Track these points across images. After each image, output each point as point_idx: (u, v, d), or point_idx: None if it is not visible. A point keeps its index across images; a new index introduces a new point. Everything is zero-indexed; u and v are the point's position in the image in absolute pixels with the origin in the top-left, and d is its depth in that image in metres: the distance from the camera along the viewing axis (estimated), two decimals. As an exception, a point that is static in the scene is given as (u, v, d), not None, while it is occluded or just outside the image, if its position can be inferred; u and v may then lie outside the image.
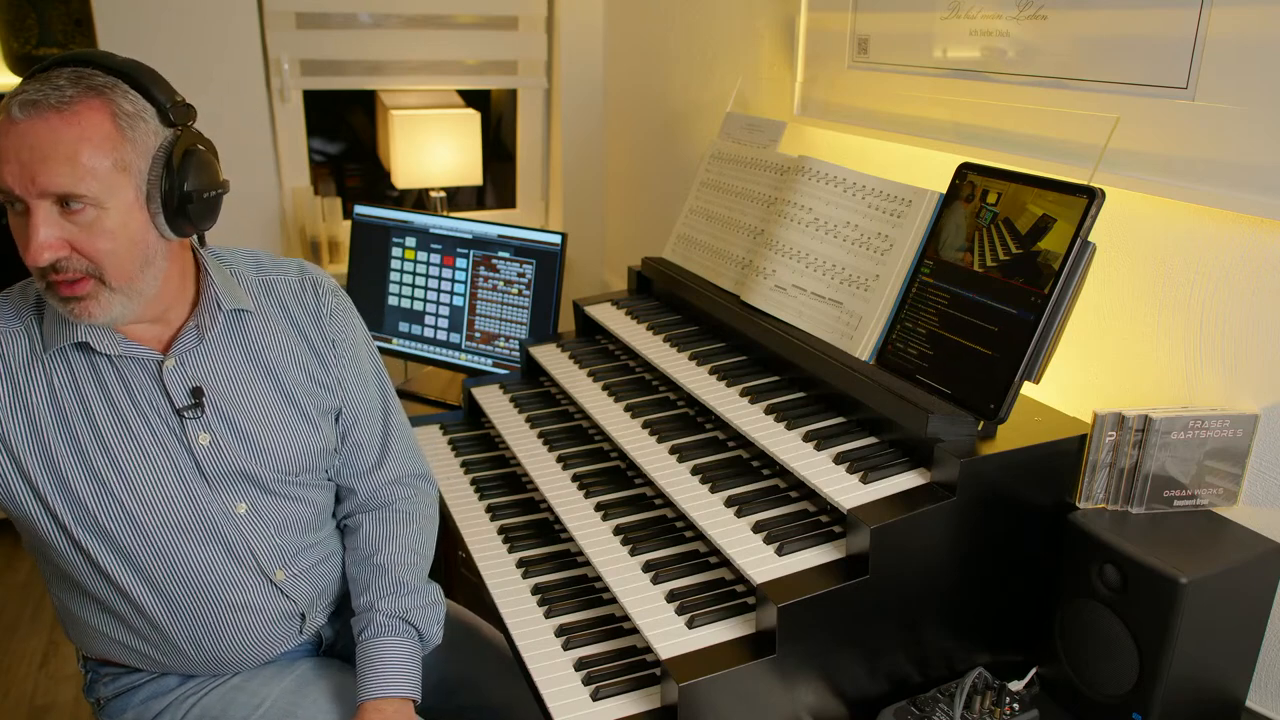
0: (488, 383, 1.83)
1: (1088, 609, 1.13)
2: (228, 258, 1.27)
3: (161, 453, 1.15)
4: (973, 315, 1.18)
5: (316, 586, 1.30)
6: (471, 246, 2.20)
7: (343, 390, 1.30)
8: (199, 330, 1.18)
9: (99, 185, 1.02)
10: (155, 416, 1.15)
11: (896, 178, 1.35)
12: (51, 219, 1.01)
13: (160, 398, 1.16)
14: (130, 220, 1.06)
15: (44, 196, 1.00)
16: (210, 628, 1.21)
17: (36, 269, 1.04)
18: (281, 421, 1.24)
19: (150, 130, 1.07)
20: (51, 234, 1.01)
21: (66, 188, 1.00)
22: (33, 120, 0.99)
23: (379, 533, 1.32)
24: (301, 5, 2.52)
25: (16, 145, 0.99)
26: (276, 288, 1.27)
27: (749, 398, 1.37)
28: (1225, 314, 1.14)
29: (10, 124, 0.99)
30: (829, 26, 1.75)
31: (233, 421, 1.19)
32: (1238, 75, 1.08)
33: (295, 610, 1.27)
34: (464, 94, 2.85)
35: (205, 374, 1.19)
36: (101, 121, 1.02)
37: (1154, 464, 1.12)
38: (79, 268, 1.04)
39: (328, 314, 1.29)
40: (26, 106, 0.99)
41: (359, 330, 1.35)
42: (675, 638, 1.09)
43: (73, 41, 2.91)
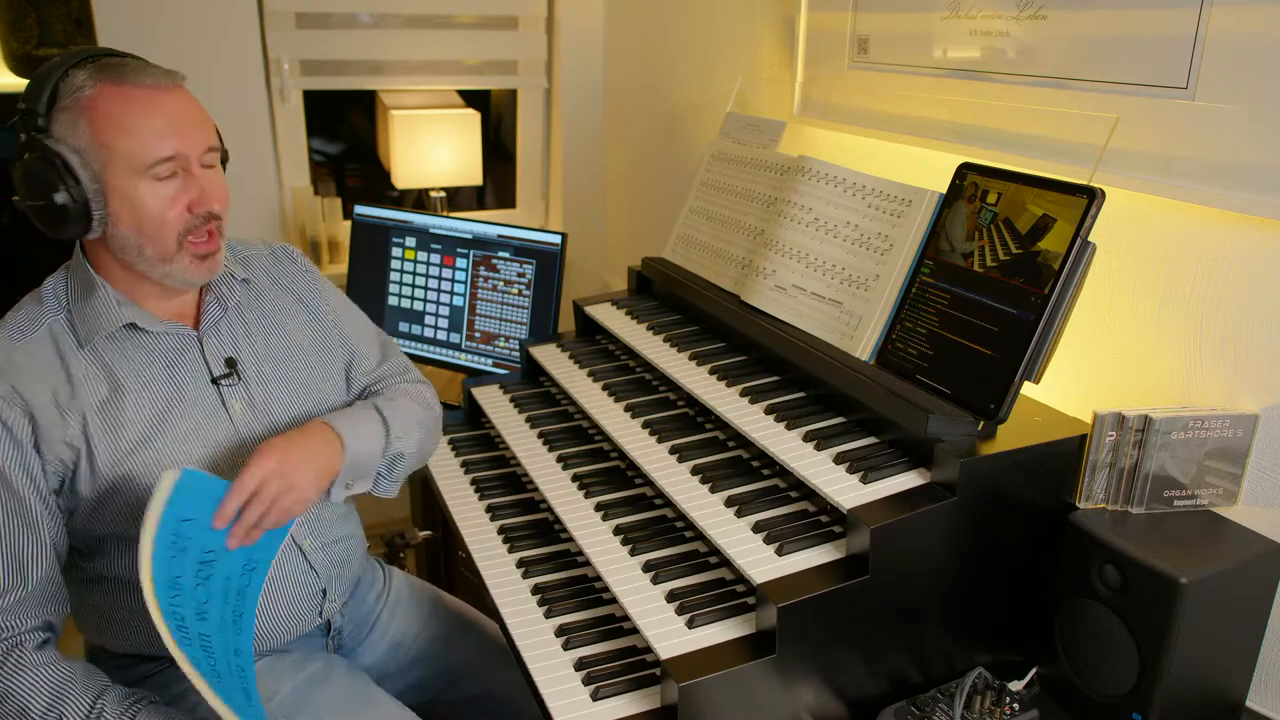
0: (488, 383, 1.83)
1: (1088, 609, 1.13)
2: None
3: (207, 421, 1.23)
4: (973, 315, 1.18)
5: (336, 563, 1.36)
6: (471, 246, 2.20)
7: (338, 322, 1.41)
8: (220, 302, 1.27)
9: (216, 141, 1.19)
10: (198, 388, 1.23)
11: (896, 178, 1.35)
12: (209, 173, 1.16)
13: (202, 369, 1.24)
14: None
15: (206, 153, 1.15)
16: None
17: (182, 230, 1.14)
18: (304, 383, 1.34)
19: None
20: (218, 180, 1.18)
21: (215, 141, 1.18)
22: (175, 92, 1.13)
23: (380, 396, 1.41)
24: (301, 5, 2.51)
25: (172, 115, 1.12)
26: (255, 262, 1.37)
27: (749, 398, 1.37)
28: (1225, 314, 1.14)
29: (156, 97, 1.11)
30: (829, 26, 1.74)
31: (263, 387, 1.29)
32: (1238, 75, 1.08)
33: (318, 584, 1.33)
34: (464, 94, 2.85)
35: (234, 344, 1.28)
36: (192, 99, 1.17)
37: (1154, 464, 1.12)
38: (217, 213, 1.18)
39: (303, 272, 1.41)
40: (165, 86, 1.12)
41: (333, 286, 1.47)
42: (675, 638, 1.09)
43: (73, 41, 2.91)
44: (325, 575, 1.34)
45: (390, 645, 1.49)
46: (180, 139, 1.12)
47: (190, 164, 1.14)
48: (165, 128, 1.11)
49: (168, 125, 1.11)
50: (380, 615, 1.49)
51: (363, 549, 1.47)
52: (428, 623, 1.53)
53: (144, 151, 1.09)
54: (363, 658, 1.46)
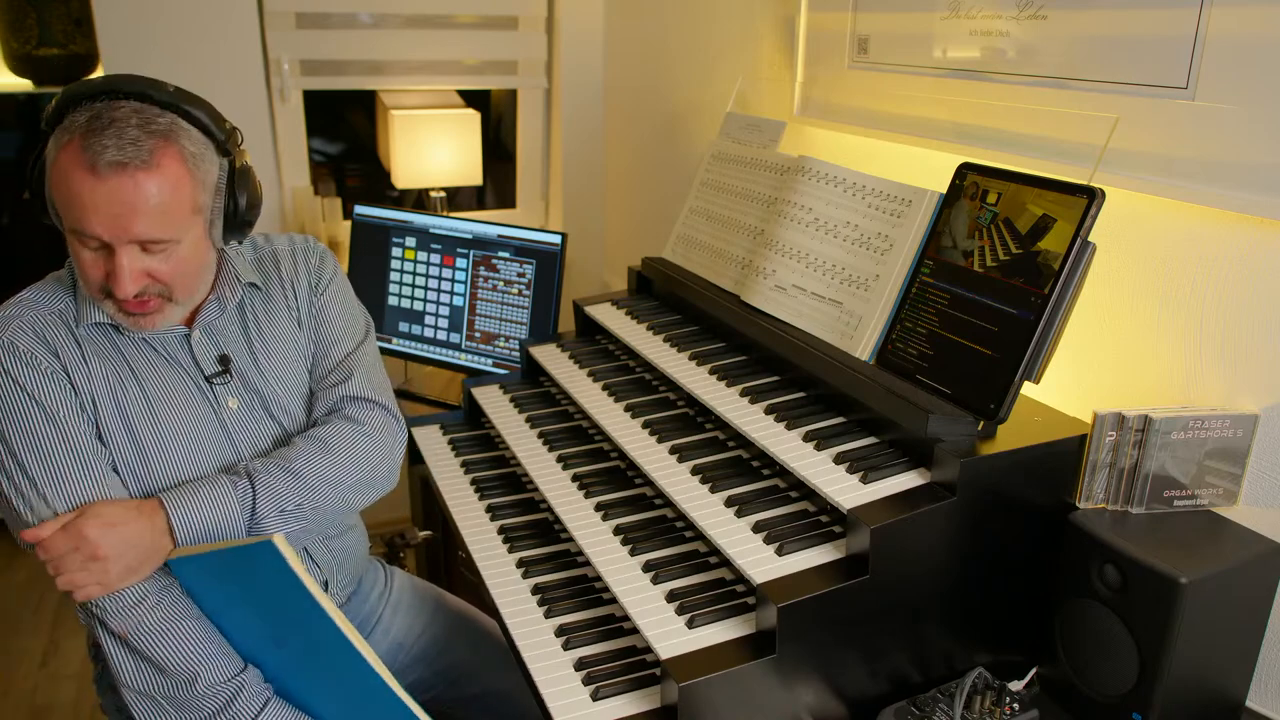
0: (488, 383, 1.83)
1: (1088, 609, 1.13)
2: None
3: (196, 418, 1.24)
4: (973, 315, 1.18)
5: (338, 556, 1.37)
6: (471, 246, 2.20)
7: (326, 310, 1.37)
8: (220, 303, 1.27)
9: (178, 228, 1.13)
10: (188, 386, 1.24)
11: (896, 178, 1.35)
12: (135, 256, 1.11)
13: (191, 367, 1.25)
14: (199, 247, 1.18)
15: (133, 243, 1.10)
16: None
17: (105, 289, 1.13)
18: (299, 387, 1.33)
19: (212, 165, 1.17)
20: (137, 267, 1.12)
21: (155, 234, 1.10)
22: (120, 179, 1.07)
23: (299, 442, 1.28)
24: (301, 5, 2.51)
25: (106, 199, 1.07)
26: (275, 260, 1.37)
27: (749, 398, 1.37)
28: (1225, 314, 1.14)
29: (97, 180, 1.07)
30: (829, 26, 1.75)
31: (256, 387, 1.29)
32: (1238, 75, 1.07)
33: (319, 576, 1.33)
34: (464, 94, 2.85)
35: (231, 342, 1.29)
36: (179, 171, 1.12)
37: (1154, 464, 1.12)
38: (153, 292, 1.15)
39: (315, 275, 1.38)
40: (114, 167, 1.06)
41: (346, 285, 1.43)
42: (675, 638, 1.09)
43: (72, 42, 2.91)
44: (327, 568, 1.35)
45: (392, 645, 1.49)
46: (96, 224, 1.08)
47: (115, 248, 1.10)
48: (86, 209, 1.07)
49: (89, 208, 1.07)
50: (382, 615, 1.50)
51: (365, 543, 1.47)
52: (430, 623, 1.53)
53: (70, 218, 1.10)
54: None
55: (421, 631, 1.52)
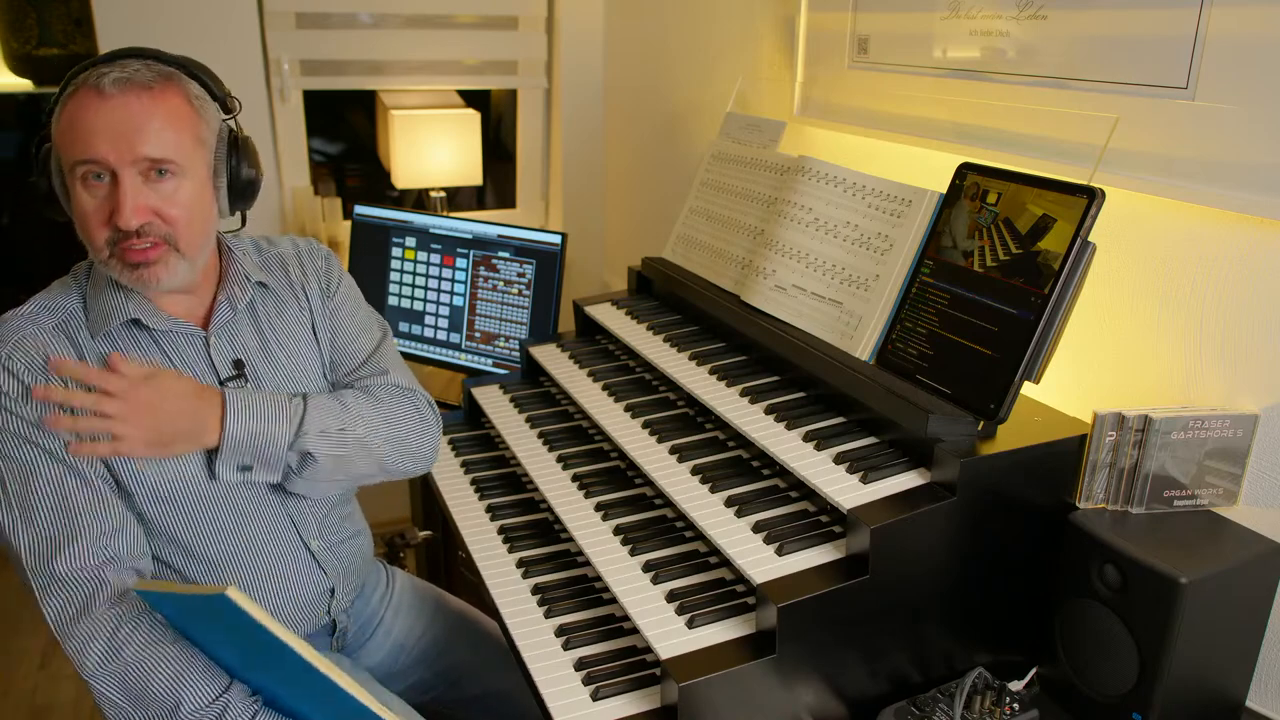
0: (488, 383, 1.83)
1: (1088, 609, 1.13)
2: (234, 242, 1.34)
3: None
4: (973, 315, 1.18)
5: (344, 561, 1.36)
6: (471, 246, 2.20)
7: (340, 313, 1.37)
8: (230, 303, 1.25)
9: (184, 155, 1.12)
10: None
11: (896, 178, 1.35)
12: (140, 186, 1.09)
13: (207, 370, 1.23)
14: (204, 192, 1.16)
15: (137, 164, 1.08)
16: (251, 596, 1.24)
17: (109, 237, 1.10)
18: (311, 388, 1.31)
19: (214, 114, 1.18)
20: (141, 199, 1.09)
21: (161, 153, 1.09)
22: (125, 96, 1.07)
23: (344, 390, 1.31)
24: (301, 5, 2.51)
25: (110, 119, 1.06)
26: (280, 263, 1.35)
27: (749, 398, 1.37)
28: (1225, 314, 1.14)
29: (102, 99, 1.07)
30: (829, 26, 1.75)
31: (272, 389, 1.26)
32: (1238, 75, 1.08)
33: (327, 583, 1.33)
34: (464, 94, 2.85)
35: (242, 346, 1.27)
36: (181, 101, 1.12)
37: (1154, 464, 1.12)
38: (159, 233, 1.11)
39: (324, 278, 1.38)
40: (119, 83, 1.07)
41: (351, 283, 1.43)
42: (675, 638, 1.09)
43: (73, 42, 2.91)
44: (333, 574, 1.34)
45: (394, 646, 1.49)
46: (102, 144, 1.06)
47: (120, 172, 1.07)
48: (92, 132, 1.06)
49: (95, 129, 1.06)
50: (384, 616, 1.50)
51: (370, 548, 1.47)
52: (430, 624, 1.53)
53: (70, 152, 1.08)
54: (366, 659, 1.47)
55: (422, 633, 1.52)
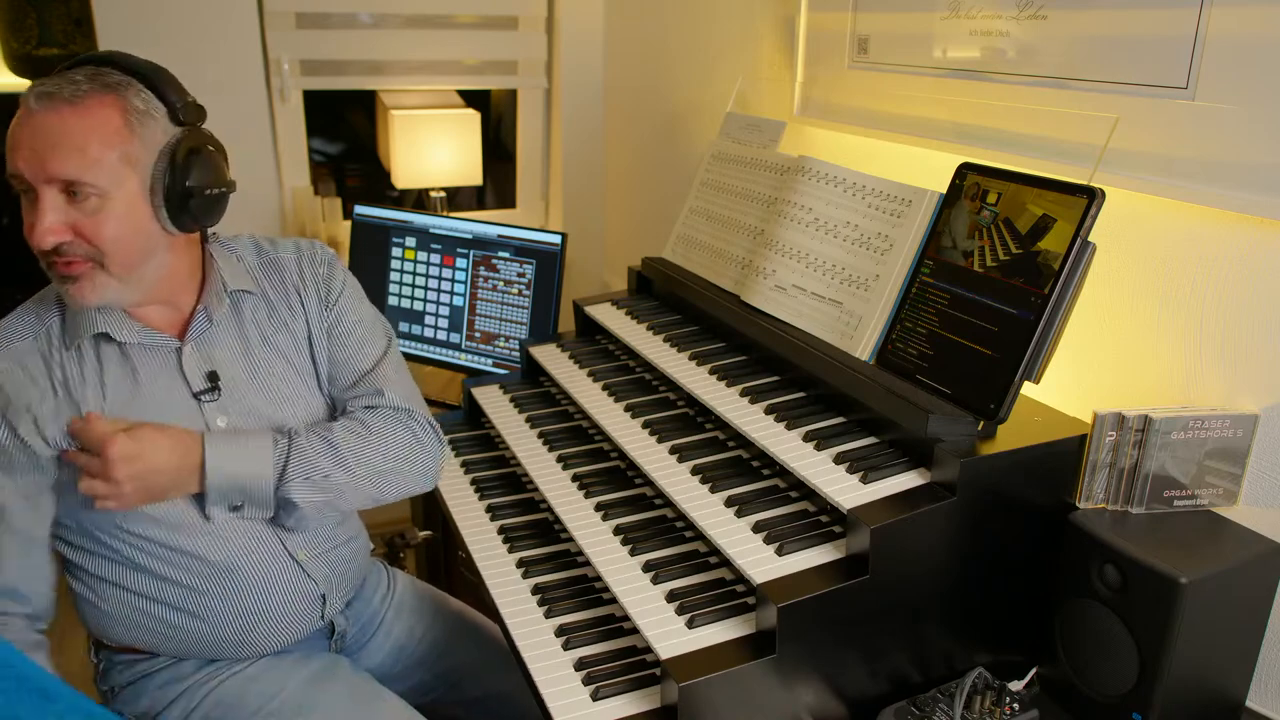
0: (488, 383, 1.83)
1: (1088, 609, 1.13)
2: (232, 244, 1.33)
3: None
4: (973, 315, 1.18)
5: (336, 570, 1.34)
6: (471, 246, 2.20)
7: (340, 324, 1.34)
8: (208, 313, 1.23)
9: (104, 175, 1.07)
10: (176, 401, 1.20)
11: (896, 178, 1.35)
12: (57, 205, 1.07)
13: (179, 383, 1.20)
14: (134, 211, 1.11)
15: (51, 182, 1.06)
16: (237, 609, 1.24)
17: (40, 252, 1.09)
18: (296, 398, 1.28)
19: (158, 127, 1.13)
20: (56, 219, 1.07)
21: (72, 174, 1.06)
22: (46, 111, 1.06)
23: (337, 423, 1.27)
24: (301, 5, 2.51)
25: (30, 133, 1.06)
26: (278, 268, 1.33)
27: (749, 398, 1.37)
28: (1225, 314, 1.14)
29: (27, 114, 1.07)
30: (829, 26, 1.74)
31: (248, 402, 1.24)
32: (1238, 75, 1.07)
33: (317, 591, 1.31)
34: (464, 94, 2.85)
35: (220, 357, 1.24)
36: (111, 116, 1.08)
37: (1154, 464, 1.12)
38: (80, 253, 1.09)
39: (324, 286, 1.34)
40: (42, 98, 1.06)
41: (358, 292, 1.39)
42: (675, 638, 1.09)
43: (73, 42, 2.91)
44: (324, 582, 1.32)
45: (394, 648, 1.49)
46: (21, 160, 1.05)
47: (38, 189, 1.06)
48: (15, 147, 1.06)
49: (18, 144, 1.06)
50: (385, 617, 1.49)
51: (365, 550, 1.45)
52: (431, 626, 1.53)
53: (8, 165, 1.07)
54: (365, 660, 1.46)
55: (423, 635, 1.51)
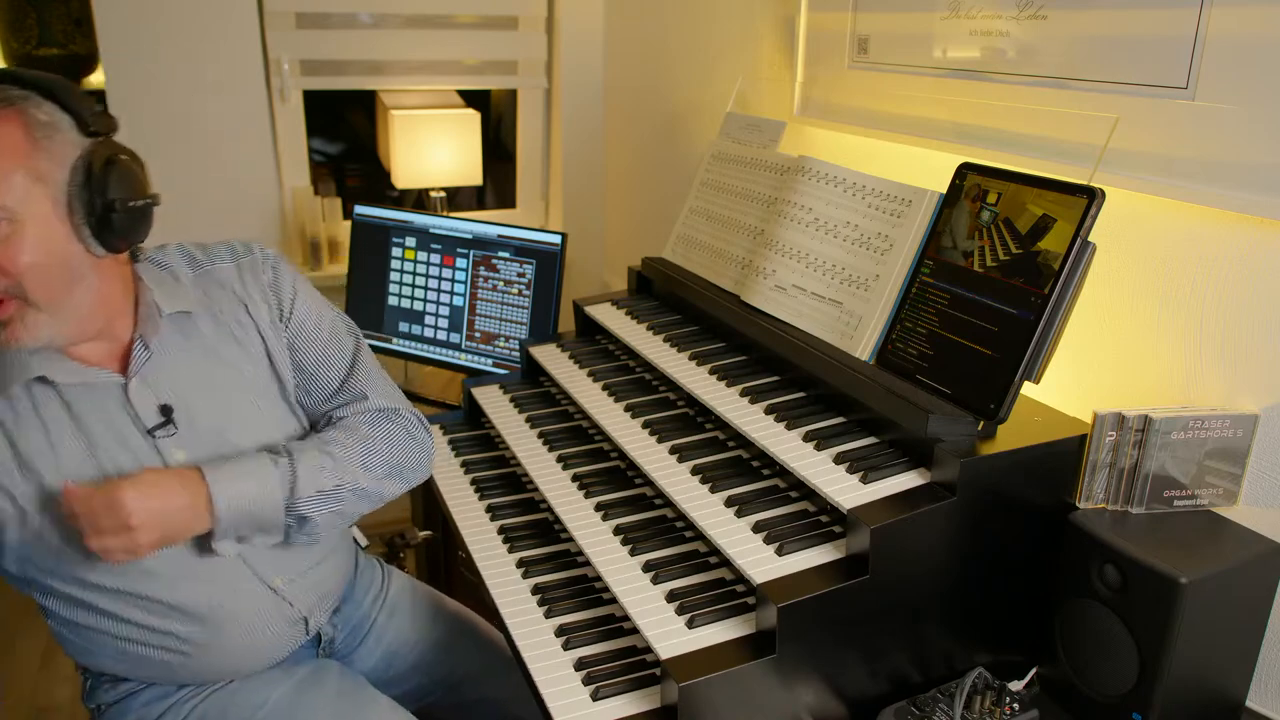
0: (488, 383, 1.83)
1: (1088, 609, 1.13)
2: (161, 258, 1.22)
3: None
4: (973, 315, 1.18)
5: (318, 589, 1.30)
6: (471, 246, 2.20)
7: (301, 335, 1.27)
8: (144, 341, 1.14)
9: (11, 196, 0.99)
10: (128, 441, 1.12)
11: (896, 178, 1.35)
12: None
13: (128, 422, 1.12)
14: (51, 233, 1.03)
15: None
16: (218, 645, 1.21)
17: None
18: (256, 418, 1.21)
19: (67, 140, 1.04)
20: None
21: None
22: None
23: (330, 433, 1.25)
24: (301, 5, 2.51)
25: None
26: (216, 278, 1.23)
27: (749, 398, 1.37)
28: (1225, 314, 1.14)
29: None
30: (829, 26, 1.74)
31: (206, 431, 1.16)
32: (1238, 75, 1.07)
33: (298, 615, 1.27)
34: (464, 94, 2.85)
35: (170, 386, 1.15)
36: (11, 131, 1.00)
37: (1154, 464, 1.12)
38: (1, 290, 1.01)
39: (274, 297, 1.26)
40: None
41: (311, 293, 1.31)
42: (675, 638, 1.09)
43: (72, 42, 2.91)
44: (304, 604, 1.28)
45: (386, 652, 1.46)
46: None
47: None
48: None
49: None
50: (376, 620, 1.47)
51: (347, 557, 1.40)
52: (427, 630, 1.50)
53: None
54: (359, 664, 1.44)
55: (418, 640, 1.48)
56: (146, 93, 2.38)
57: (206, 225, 2.52)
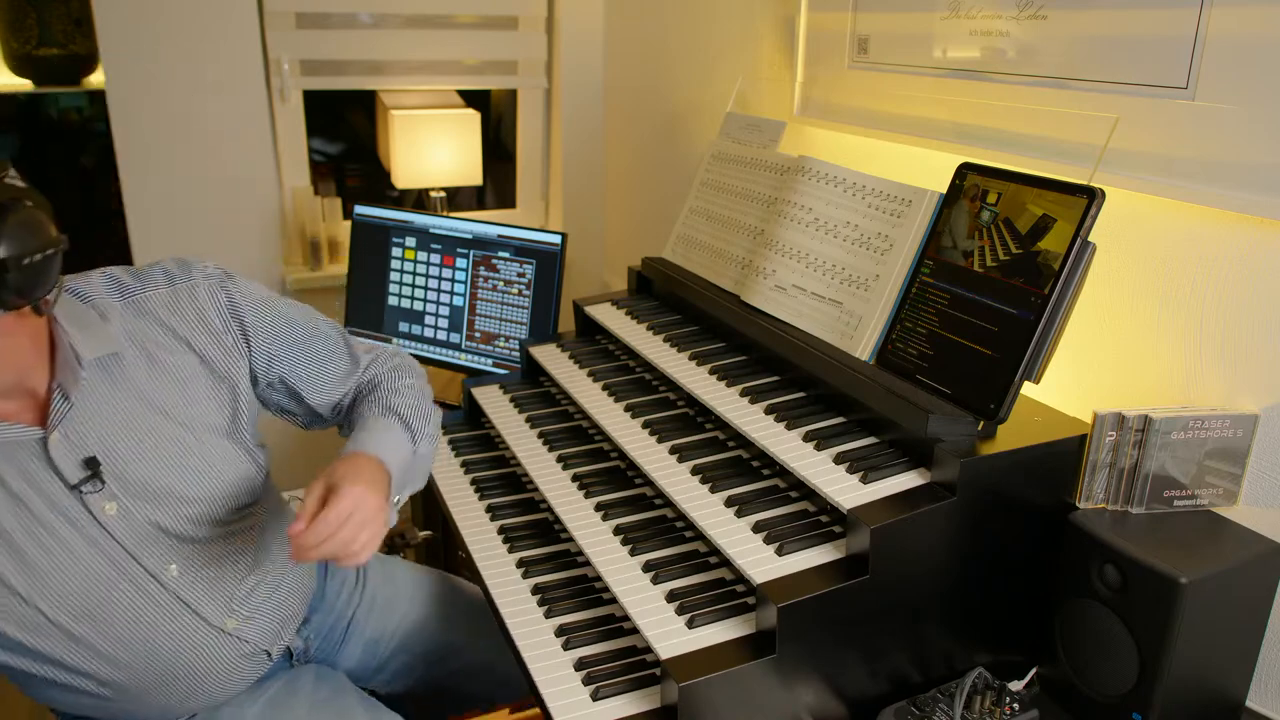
0: (488, 383, 1.83)
1: (1088, 609, 1.13)
2: (85, 289, 1.12)
3: (72, 536, 1.05)
4: (973, 315, 1.18)
5: (276, 617, 1.26)
6: (471, 246, 2.20)
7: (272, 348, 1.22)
8: (63, 392, 1.05)
9: None
10: (54, 499, 1.05)
11: (896, 178, 1.35)
12: None
13: (50, 479, 1.04)
14: None
15: None
16: (171, 689, 1.17)
17: None
18: (197, 461, 1.13)
19: None
20: None
21: None
22: None
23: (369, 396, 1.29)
24: (301, 5, 2.51)
25: None
26: (149, 307, 1.14)
27: (749, 398, 1.37)
28: (1225, 314, 1.14)
29: None
30: (829, 26, 1.74)
31: (138, 480, 1.09)
32: (1238, 75, 1.07)
33: (256, 649, 1.23)
34: (464, 94, 2.85)
35: (97, 436, 1.07)
36: None
37: (1154, 464, 1.12)
38: None
39: (218, 309, 1.17)
40: None
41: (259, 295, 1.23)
42: (675, 638, 1.09)
43: (72, 42, 2.91)
44: (263, 639, 1.23)
45: (367, 644, 1.45)
46: None
47: None
48: None
49: None
50: (355, 616, 1.44)
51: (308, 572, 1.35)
52: (408, 611, 1.48)
53: None
54: (342, 663, 1.43)
55: (400, 623, 1.47)
56: (146, 93, 2.38)
57: (206, 225, 2.53)
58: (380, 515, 1.07)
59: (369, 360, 1.34)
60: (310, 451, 2.54)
